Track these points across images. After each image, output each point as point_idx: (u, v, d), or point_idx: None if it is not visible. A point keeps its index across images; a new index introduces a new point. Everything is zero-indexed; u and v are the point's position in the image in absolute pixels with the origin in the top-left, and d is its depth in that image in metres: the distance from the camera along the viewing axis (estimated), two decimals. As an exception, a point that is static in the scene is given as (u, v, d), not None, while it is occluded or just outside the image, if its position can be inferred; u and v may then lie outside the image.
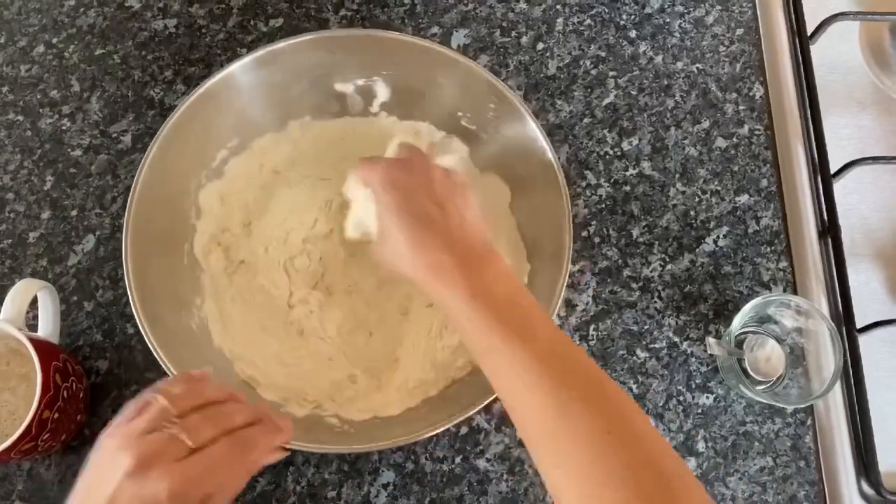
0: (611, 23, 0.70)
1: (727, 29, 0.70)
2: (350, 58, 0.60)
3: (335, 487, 0.57)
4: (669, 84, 0.68)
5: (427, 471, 0.57)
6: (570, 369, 0.41)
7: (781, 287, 0.63)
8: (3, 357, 0.54)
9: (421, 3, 0.70)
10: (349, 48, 0.59)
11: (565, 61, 0.68)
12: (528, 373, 0.41)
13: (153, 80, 0.67)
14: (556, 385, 0.40)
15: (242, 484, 0.40)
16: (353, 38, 0.61)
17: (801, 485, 0.58)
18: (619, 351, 0.61)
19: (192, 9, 0.69)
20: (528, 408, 0.41)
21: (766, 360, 0.60)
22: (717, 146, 0.67)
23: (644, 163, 0.66)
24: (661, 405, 0.60)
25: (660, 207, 0.65)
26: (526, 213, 0.61)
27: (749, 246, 0.64)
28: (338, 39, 0.60)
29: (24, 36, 0.68)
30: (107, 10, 0.69)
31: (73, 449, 0.57)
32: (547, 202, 0.57)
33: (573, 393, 0.40)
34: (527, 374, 0.41)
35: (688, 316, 0.62)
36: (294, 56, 0.59)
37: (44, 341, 0.53)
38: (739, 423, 0.60)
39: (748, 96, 0.68)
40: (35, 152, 0.64)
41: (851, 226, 0.65)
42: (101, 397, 0.58)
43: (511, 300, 0.44)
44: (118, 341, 0.59)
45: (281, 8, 0.69)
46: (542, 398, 0.40)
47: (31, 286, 0.53)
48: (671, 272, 0.63)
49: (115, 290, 0.60)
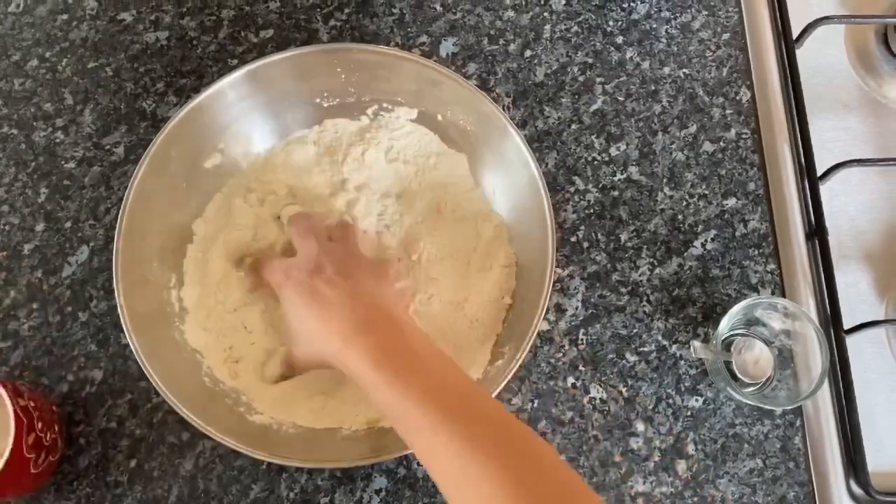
0: (598, 29, 0.71)
1: (713, 34, 0.71)
2: (339, 73, 0.61)
3: (328, 494, 0.57)
4: (656, 89, 0.69)
5: (419, 476, 0.58)
6: (478, 415, 0.44)
7: (769, 290, 0.63)
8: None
9: (409, 13, 0.71)
10: (340, 62, 0.60)
11: (553, 68, 0.69)
12: (436, 433, 0.43)
13: (145, 92, 0.67)
14: (462, 430, 0.42)
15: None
16: (343, 51, 0.61)
17: (790, 486, 0.59)
18: (608, 355, 0.61)
19: (183, 21, 0.70)
20: (435, 454, 0.43)
21: (755, 363, 0.60)
22: (704, 150, 0.67)
23: (632, 168, 0.66)
24: (650, 408, 0.60)
25: (648, 212, 0.65)
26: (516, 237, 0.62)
27: (737, 249, 0.64)
28: (330, 53, 0.61)
29: (17, 50, 0.69)
30: (99, 24, 0.70)
31: (68, 458, 0.57)
32: (532, 220, 0.58)
33: (479, 439, 0.42)
34: (434, 435, 0.43)
35: (676, 319, 0.62)
36: (284, 70, 0.59)
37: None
38: (729, 425, 0.60)
39: (735, 100, 0.69)
40: (29, 165, 0.65)
41: (838, 228, 0.66)
42: (95, 406, 0.59)
43: (410, 355, 0.47)
44: (112, 351, 0.60)
45: (271, 19, 0.70)
46: (446, 444, 0.42)
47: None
48: (660, 276, 0.64)
49: (109, 300, 0.61)
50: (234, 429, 0.52)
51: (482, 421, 0.43)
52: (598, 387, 0.61)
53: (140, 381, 0.59)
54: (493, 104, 0.58)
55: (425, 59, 0.59)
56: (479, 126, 0.60)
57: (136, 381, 0.59)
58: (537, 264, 0.56)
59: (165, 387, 0.51)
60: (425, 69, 0.59)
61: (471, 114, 0.60)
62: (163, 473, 0.57)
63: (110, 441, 0.58)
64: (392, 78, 0.60)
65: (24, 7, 0.70)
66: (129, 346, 0.51)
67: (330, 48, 0.62)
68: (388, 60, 0.60)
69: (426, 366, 0.47)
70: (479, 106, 0.58)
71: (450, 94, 0.59)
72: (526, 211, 0.59)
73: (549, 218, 0.56)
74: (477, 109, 0.59)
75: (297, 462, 0.53)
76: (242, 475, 0.58)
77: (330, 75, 0.61)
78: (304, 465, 0.56)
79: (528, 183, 0.57)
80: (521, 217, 0.60)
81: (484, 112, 0.58)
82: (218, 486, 0.57)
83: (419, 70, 0.59)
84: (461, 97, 0.59)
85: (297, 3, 0.70)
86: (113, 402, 0.59)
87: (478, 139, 0.61)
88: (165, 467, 0.58)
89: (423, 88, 0.60)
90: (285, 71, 0.59)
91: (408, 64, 0.59)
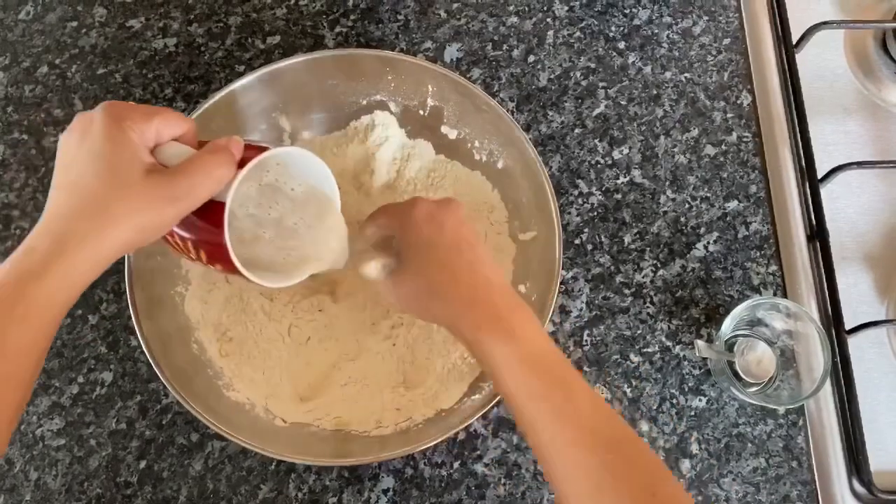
0: (600, 35, 0.72)
1: (714, 39, 0.72)
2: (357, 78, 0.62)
3: (336, 494, 0.58)
4: (658, 94, 0.70)
5: (426, 476, 0.59)
6: (609, 426, 0.42)
7: (771, 291, 0.64)
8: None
9: (414, 19, 0.71)
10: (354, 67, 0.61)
11: (556, 73, 0.70)
12: (572, 429, 0.41)
13: (154, 98, 0.68)
14: (600, 442, 0.40)
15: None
16: (357, 57, 0.61)
17: (793, 485, 0.59)
18: (612, 356, 0.62)
19: (191, 28, 0.71)
20: (569, 463, 0.41)
21: (758, 363, 0.61)
22: (706, 153, 0.68)
23: (634, 171, 0.67)
24: (654, 408, 0.61)
25: (651, 214, 0.66)
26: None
27: (739, 251, 0.65)
28: (344, 58, 0.61)
29: (27, 57, 0.69)
30: (108, 31, 0.71)
31: (79, 459, 0.58)
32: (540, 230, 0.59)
33: (618, 452, 0.40)
34: (570, 430, 0.41)
35: (680, 320, 0.63)
36: (294, 75, 0.60)
37: None
38: (732, 424, 0.61)
39: (736, 104, 0.70)
40: (39, 170, 0.66)
41: (839, 229, 0.66)
42: (105, 408, 0.59)
43: (551, 354, 0.44)
44: (122, 353, 0.61)
45: (278, 26, 0.71)
46: (586, 455, 0.40)
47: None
48: (663, 278, 0.64)
49: (119, 303, 0.62)
50: (246, 427, 0.53)
51: (615, 427, 0.42)
52: (602, 387, 0.61)
53: (150, 382, 0.60)
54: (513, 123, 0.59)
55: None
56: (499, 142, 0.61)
57: (146, 383, 0.60)
58: (544, 265, 0.57)
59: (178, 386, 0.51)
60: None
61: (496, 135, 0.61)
62: (172, 474, 0.58)
63: (120, 442, 0.59)
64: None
65: (35, 14, 0.71)
66: (138, 348, 0.52)
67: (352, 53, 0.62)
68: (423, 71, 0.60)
69: (559, 367, 0.44)
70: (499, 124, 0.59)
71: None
72: (533, 213, 0.59)
73: (556, 221, 0.56)
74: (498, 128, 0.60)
75: (326, 461, 0.54)
76: (251, 475, 0.58)
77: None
78: (333, 463, 0.56)
79: (537, 188, 0.58)
80: (527, 219, 0.61)
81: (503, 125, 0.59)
82: (227, 487, 0.58)
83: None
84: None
85: (304, 10, 0.71)
86: (123, 404, 0.60)
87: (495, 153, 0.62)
88: (175, 468, 0.58)
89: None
90: (298, 72, 0.60)
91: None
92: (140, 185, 0.39)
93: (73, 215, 0.39)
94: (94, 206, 0.39)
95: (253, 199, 0.49)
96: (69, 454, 0.58)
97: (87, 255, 0.38)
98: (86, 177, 0.39)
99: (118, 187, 0.39)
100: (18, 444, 0.58)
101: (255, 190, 0.49)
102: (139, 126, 0.40)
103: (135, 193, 0.39)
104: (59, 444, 0.59)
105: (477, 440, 0.59)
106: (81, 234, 0.38)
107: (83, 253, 0.38)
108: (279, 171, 0.49)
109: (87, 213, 0.39)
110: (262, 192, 0.49)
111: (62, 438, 0.59)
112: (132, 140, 0.40)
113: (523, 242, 0.61)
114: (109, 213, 0.38)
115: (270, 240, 0.49)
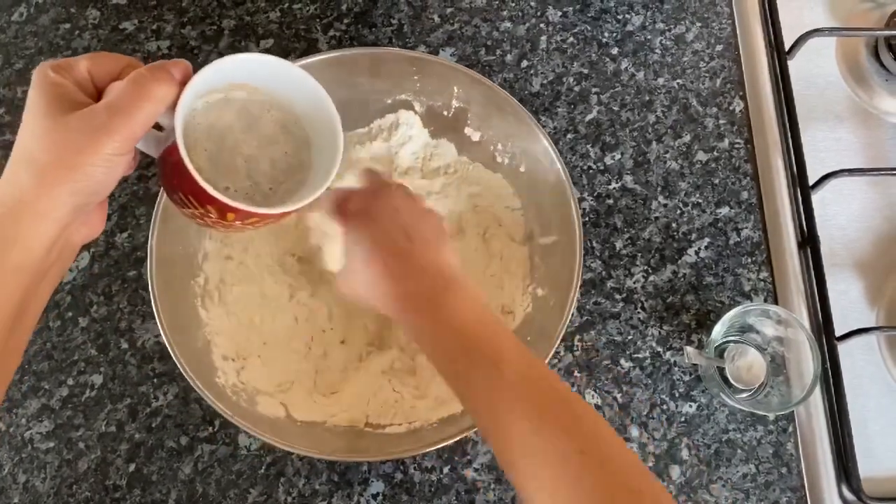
0: (593, 40, 0.72)
1: (707, 45, 0.72)
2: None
3: (325, 498, 0.58)
4: (651, 100, 0.70)
5: (416, 481, 0.59)
6: (541, 391, 0.42)
7: (762, 297, 0.64)
8: None
9: (408, 23, 0.72)
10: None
11: (549, 78, 0.70)
12: (500, 398, 0.42)
13: (147, 101, 0.68)
14: (529, 408, 0.41)
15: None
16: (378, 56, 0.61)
17: (783, 491, 0.59)
18: (603, 361, 0.62)
19: (184, 31, 0.71)
20: (502, 430, 0.41)
21: (748, 369, 0.61)
22: (697, 160, 0.68)
23: (627, 177, 0.67)
24: (644, 414, 0.61)
25: (642, 220, 0.66)
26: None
27: (730, 257, 0.65)
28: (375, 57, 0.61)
29: (20, 58, 0.69)
30: (101, 33, 0.70)
31: (68, 462, 0.58)
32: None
33: (546, 415, 0.41)
34: (499, 399, 0.42)
35: (671, 326, 0.63)
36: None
37: None
38: (722, 430, 0.61)
39: (728, 111, 0.70)
40: (31, 172, 0.66)
41: (830, 236, 0.67)
42: (95, 411, 0.59)
43: (479, 325, 0.45)
44: (112, 356, 0.61)
45: (271, 29, 0.71)
46: (515, 421, 0.41)
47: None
48: (654, 283, 0.64)
49: (109, 305, 0.62)
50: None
51: (547, 392, 0.43)
52: (592, 393, 0.61)
53: (140, 385, 0.60)
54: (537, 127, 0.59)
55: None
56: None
57: (136, 386, 0.60)
58: (563, 270, 0.57)
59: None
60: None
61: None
62: (161, 478, 0.58)
63: (109, 445, 0.58)
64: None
65: (28, 16, 0.71)
66: (129, 350, 0.52)
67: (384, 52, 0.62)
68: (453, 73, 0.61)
69: (489, 337, 0.45)
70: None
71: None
72: (554, 217, 0.60)
73: (578, 226, 0.56)
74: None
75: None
76: (241, 479, 0.58)
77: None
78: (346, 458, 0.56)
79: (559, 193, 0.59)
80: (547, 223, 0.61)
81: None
82: (216, 491, 0.58)
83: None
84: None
85: (297, 13, 0.71)
86: (112, 407, 0.59)
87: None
88: (164, 471, 0.58)
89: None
90: (323, 70, 0.58)
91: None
92: (72, 120, 0.37)
93: (10, 179, 0.37)
94: (28, 158, 0.37)
95: (236, 127, 0.43)
96: (58, 457, 0.58)
97: (40, 208, 0.37)
98: (22, 132, 0.37)
99: (48, 130, 0.37)
100: (7, 447, 0.58)
101: (234, 116, 0.43)
102: (67, 71, 0.38)
103: (63, 130, 0.36)
104: (48, 447, 0.58)
105: (467, 445, 0.59)
106: (19, 196, 0.36)
107: (38, 205, 0.36)
108: (259, 96, 0.44)
109: (20, 173, 0.37)
110: (240, 117, 0.43)
111: (51, 441, 0.58)
112: (59, 82, 0.37)
113: (543, 246, 0.61)
114: (39, 164, 0.37)
115: (265, 172, 0.44)
